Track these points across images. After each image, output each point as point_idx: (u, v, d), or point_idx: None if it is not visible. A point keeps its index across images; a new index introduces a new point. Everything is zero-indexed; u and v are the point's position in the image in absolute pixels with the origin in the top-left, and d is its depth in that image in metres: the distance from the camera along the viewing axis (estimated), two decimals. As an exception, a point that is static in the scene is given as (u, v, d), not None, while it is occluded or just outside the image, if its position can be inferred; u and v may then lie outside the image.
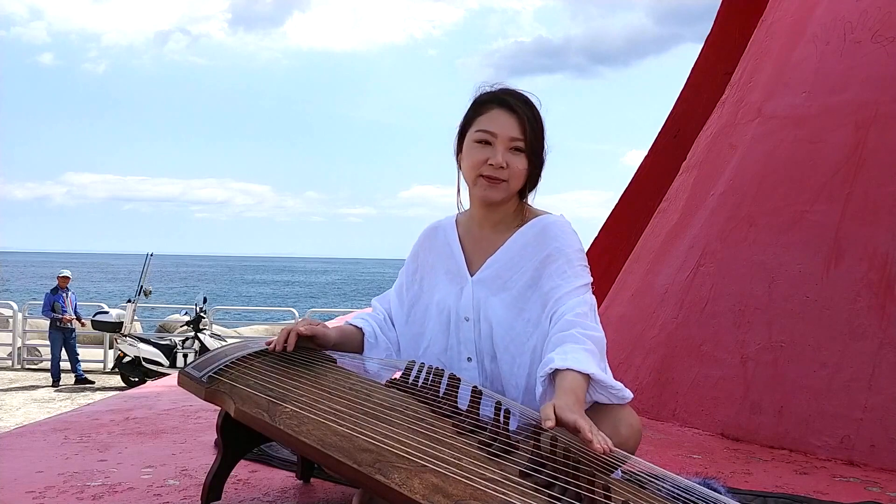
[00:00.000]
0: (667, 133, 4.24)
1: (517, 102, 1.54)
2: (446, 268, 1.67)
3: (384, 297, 1.81)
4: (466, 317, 1.59)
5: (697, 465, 2.14)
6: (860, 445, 2.21)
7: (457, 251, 1.66)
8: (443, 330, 1.62)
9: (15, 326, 11.16)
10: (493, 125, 1.53)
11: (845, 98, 2.64)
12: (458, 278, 1.64)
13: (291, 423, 1.19)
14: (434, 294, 1.66)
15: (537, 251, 1.56)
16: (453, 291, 1.63)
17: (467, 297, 1.60)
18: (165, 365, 9.96)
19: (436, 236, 1.72)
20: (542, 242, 1.56)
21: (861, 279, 2.38)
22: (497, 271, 1.59)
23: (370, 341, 1.68)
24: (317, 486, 1.77)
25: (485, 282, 1.59)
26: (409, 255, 1.77)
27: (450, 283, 1.64)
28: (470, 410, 1.35)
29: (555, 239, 1.56)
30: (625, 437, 1.36)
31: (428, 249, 1.72)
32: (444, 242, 1.70)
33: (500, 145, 1.53)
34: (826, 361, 2.36)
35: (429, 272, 1.70)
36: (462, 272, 1.63)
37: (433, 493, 0.96)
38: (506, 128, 1.52)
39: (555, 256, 1.54)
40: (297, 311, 12.10)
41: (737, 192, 2.87)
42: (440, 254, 1.69)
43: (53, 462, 1.93)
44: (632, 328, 3.05)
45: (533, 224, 1.60)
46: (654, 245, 3.33)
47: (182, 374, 1.54)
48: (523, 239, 1.59)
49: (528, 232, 1.59)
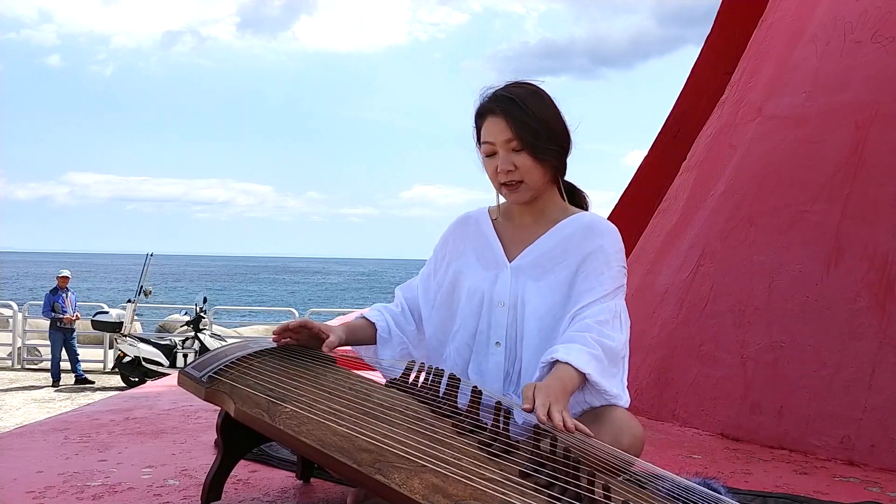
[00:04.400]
0: (667, 133, 4.23)
1: (501, 105, 1.54)
2: (479, 255, 1.67)
3: (409, 286, 1.81)
4: (502, 302, 1.60)
5: (697, 465, 2.14)
6: (860, 445, 2.21)
7: (493, 239, 1.67)
8: (473, 314, 1.63)
9: (15, 326, 11.16)
10: (489, 135, 1.56)
11: (845, 98, 2.64)
12: (493, 265, 1.64)
13: (291, 423, 1.19)
14: (465, 280, 1.67)
15: (582, 246, 1.57)
16: (488, 277, 1.63)
17: (503, 283, 1.60)
18: (165, 365, 9.95)
19: (468, 224, 1.73)
20: (587, 238, 1.57)
21: (861, 279, 2.38)
22: (537, 259, 1.60)
23: (383, 336, 1.68)
24: (317, 486, 1.77)
25: (524, 268, 1.60)
26: (438, 243, 1.78)
27: (484, 270, 1.65)
28: (470, 410, 1.35)
29: (600, 236, 1.57)
30: (626, 447, 1.36)
31: (459, 237, 1.73)
32: (478, 231, 1.71)
33: (501, 151, 1.54)
34: (826, 361, 2.36)
35: (459, 259, 1.71)
36: (499, 259, 1.64)
37: (433, 494, 0.97)
38: (498, 134, 1.53)
39: (596, 254, 1.55)
40: (297, 311, 12.10)
41: (737, 192, 2.87)
42: (473, 241, 1.70)
43: (53, 462, 1.93)
44: (632, 328, 3.04)
45: (577, 218, 1.62)
46: (654, 245, 3.33)
47: (182, 374, 1.54)
48: (567, 230, 1.60)
49: (571, 224, 1.61)
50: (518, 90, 1.56)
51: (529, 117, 1.52)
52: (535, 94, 1.57)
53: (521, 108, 1.52)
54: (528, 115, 1.52)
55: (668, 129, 4.22)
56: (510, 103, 1.53)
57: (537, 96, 1.56)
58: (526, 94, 1.55)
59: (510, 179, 1.55)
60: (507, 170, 1.54)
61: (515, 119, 1.52)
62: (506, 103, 1.53)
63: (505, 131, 1.52)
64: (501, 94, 1.56)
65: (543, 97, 1.57)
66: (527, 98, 1.54)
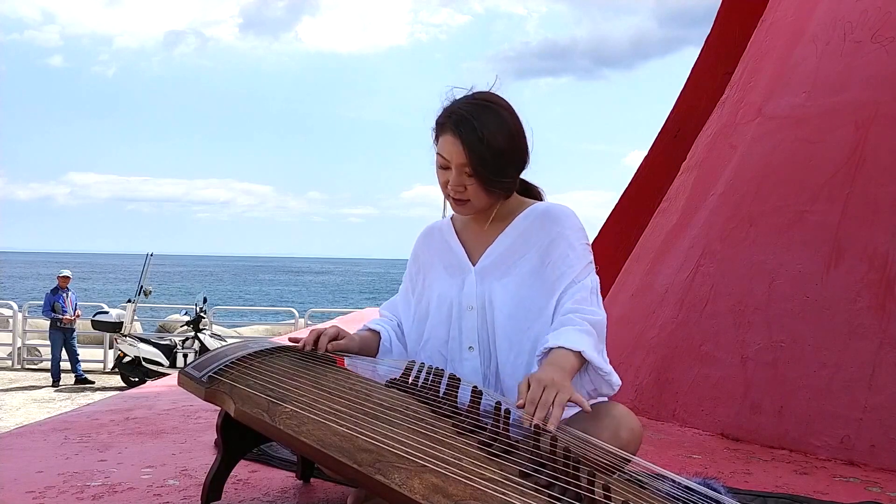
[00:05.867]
0: (667, 133, 4.23)
1: (460, 128, 1.51)
2: (445, 263, 1.69)
3: (391, 304, 1.84)
4: (470, 306, 1.61)
5: (697, 465, 2.14)
6: (860, 445, 2.21)
7: (455, 246, 1.69)
8: (444, 322, 1.64)
9: (15, 326, 11.17)
10: (445, 151, 1.55)
11: (845, 98, 2.64)
12: (458, 271, 1.66)
13: (291, 423, 1.19)
14: (434, 290, 1.68)
15: (541, 236, 1.58)
16: (455, 283, 1.65)
17: (470, 287, 1.62)
18: (165, 365, 9.96)
19: (432, 236, 1.76)
20: (544, 227, 1.58)
21: (861, 279, 2.38)
22: (499, 258, 1.61)
23: (385, 346, 1.70)
24: (317, 486, 1.77)
25: (487, 269, 1.62)
26: (410, 258, 1.81)
27: (450, 277, 1.67)
28: (470, 410, 1.35)
29: (556, 222, 1.58)
30: (625, 441, 1.37)
31: (426, 250, 1.76)
32: (441, 240, 1.73)
33: (454, 170, 1.54)
34: (826, 361, 2.36)
35: (429, 271, 1.73)
36: (463, 264, 1.66)
37: (433, 494, 0.97)
38: (454, 155, 1.53)
39: (557, 241, 1.56)
40: (297, 311, 12.10)
41: (737, 192, 2.87)
42: (438, 251, 1.72)
43: (53, 462, 1.93)
44: (632, 328, 3.05)
45: (531, 210, 1.63)
46: (654, 245, 3.33)
47: (182, 374, 1.54)
48: (523, 224, 1.61)
49: (528, 217, 1.62)
50: (477, 109, 1.53)
51: (485, 146, 1.49)
52: (493, 113, 1.53)
53: (478, 135, 1.49)
54: (483, 145, 1.49)
55: (669, 130, 4.22)
56: (469, 128, 1.50)
57: (495, 116, 1.53)
58: (484, 116, 1.52)
59: (458, 197, 1.57)
60: (457, 189, 1.55)
61: (472, 147, 1.50)
62: (464, 126, 1.51)
63: (461, 155, 1.51)
64: (461, 115, 1.53)
65: (501, 117, 1.54)
66: (485, 121, 1.51)
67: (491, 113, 1.53)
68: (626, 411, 1.46)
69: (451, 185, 1.56)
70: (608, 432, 1.36)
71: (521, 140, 1.58)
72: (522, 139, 1.58)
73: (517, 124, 1.57)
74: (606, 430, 1.37)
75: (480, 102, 1.56)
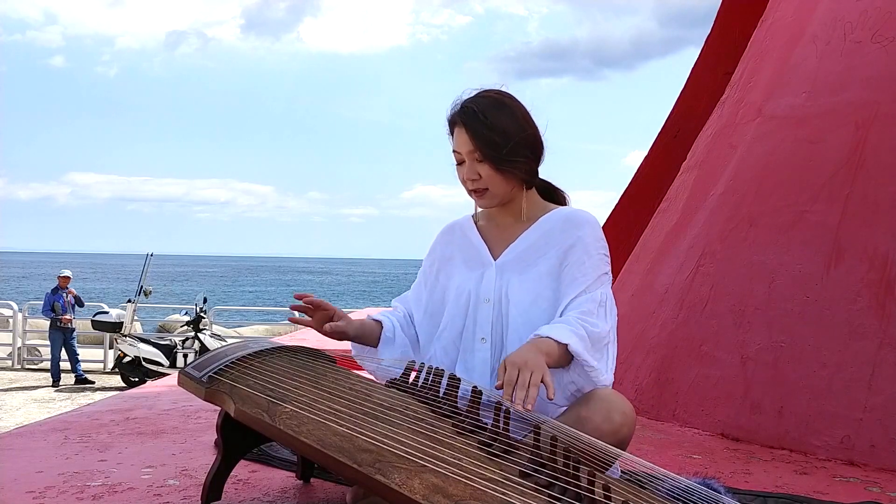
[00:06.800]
0: (667, 133, 4.24)
1: (464, 117, 1.60)
2: (465, 257, 1.73)
3: (403, 298, 1.87)
4: (487, 299, 1.63)
5: (697, 465, 2.14)
6: (860, 445, 2.21)
7: (477, 241, 1.72)
8: (460, 313, 1.67)
9: (15, 326, 11.16)
10: (456, 145, 1.63)
11: (845, 98, 2.64)
12: (479, 265, 1.69)
13: (291, 423, 1.19)
14: (453, 282, 1.72)
15: (562, 238, 1.61)
16: (474, 276, 1.68)
17: (489, 280, 1.65)
18: (165, 365, 9.95)
19: (453, 232, 1.80)
20: (566, 230, 1.62)
21: (861, 279, 2.38)
22: (520, 254, 1.64)
23: (387, 336, 1.72)
24: (317, 486, 1.77)
25: (508, 264, 1.65)
26: (427, 253, 1.84)
27: (469, 270, 1.70)
28: (470, 410, 1.35)
29: (579, 227, 1.61)
30: (618, 424, 1.39)
31: (446, 244, 1.79)
32: (462, 236, 1.77)
33: (466, 160, 1.61)
34: (826, 361, 2.36)
35: (446, 265, 1.76)
36: (484, 258, 1.69)
37: (433, 494, 0.97)
38: (462, 145, 1.60)
39: (576, 246, 1.59)
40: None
41: (737, 192, 2.87)
42: (458, 246, 1.76)
43: (53, 462, 1.93)
44: (632, 328, 3.05)
45: (557, 212, 1.67)
46: (654, 245, 3.33)
47: (182, 374, 1.54)
48: (547, 225, 1.65)
49: (551, 219, 1.66)
50: (483, 101, 1.61)
51: (490, 129, 1.57)
52: (499, 104, 1.61)
53: (482, 120, 1.57)
54: (488, 126, 1.57)
55: (669, 130, 4.23)
56: (472, 116, 1.59)
57: (500, 106, 1.61)
58: (488, 105, 1.60)
59: (476, 187, 1.62)
60: (472, 178, 1.61)
61: (476, 132, 1.57)
62: (468, 116, 1.59)
63: (468, 143, 1.59)
64: (466, 107, 1.61)
65: (507, 107, 1.61)
66: (488, 109, 1.59)
67: (495, 102, 1.61)
68: (615, 394, 1.47)
69: (466, 176, 1.61)
70: (600, 416, 1.38)
71: (528, 123, 1.63)
72: (530, 122, 1.63)
73: (522, 110, 1.63)
74: (598, 413, 1.39)
75: (485, 96, 1.63)
